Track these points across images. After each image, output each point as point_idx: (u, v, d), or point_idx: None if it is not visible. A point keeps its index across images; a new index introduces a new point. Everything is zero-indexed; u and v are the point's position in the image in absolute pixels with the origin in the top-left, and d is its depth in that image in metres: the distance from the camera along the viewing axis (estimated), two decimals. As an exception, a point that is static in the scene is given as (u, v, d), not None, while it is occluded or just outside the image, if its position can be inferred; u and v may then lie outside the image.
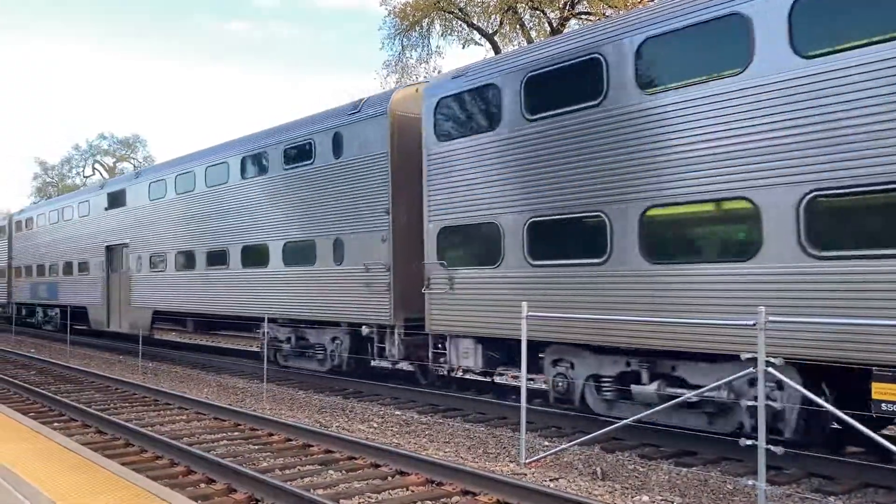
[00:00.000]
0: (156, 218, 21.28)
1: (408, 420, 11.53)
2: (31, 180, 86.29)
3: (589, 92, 9.82)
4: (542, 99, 10.51)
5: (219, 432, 10.78)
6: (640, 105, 9.18)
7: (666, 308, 8.86)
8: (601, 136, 9.64)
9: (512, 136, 10.85)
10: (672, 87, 8.91)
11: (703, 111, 8.53)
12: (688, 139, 8.70)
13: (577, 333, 9.97)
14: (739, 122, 8.21)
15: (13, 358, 21.68)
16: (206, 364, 19.25)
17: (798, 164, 7.71)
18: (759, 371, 6.62)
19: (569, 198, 10.05)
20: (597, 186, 9.70)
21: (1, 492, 5.84)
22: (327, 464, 8.79)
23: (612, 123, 9.48)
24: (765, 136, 8.00)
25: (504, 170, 10.98)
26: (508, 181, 10.90)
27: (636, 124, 9.21)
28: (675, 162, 8.80)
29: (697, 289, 8.60)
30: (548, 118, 10.37)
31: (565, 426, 10.66)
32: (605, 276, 9.57)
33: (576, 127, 9.97)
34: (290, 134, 16.11)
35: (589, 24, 15.00)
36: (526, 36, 30.92)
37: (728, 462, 8.64)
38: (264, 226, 16.56)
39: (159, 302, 20.99)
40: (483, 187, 11.28)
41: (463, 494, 7.46)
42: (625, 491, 7.65)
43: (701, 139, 8.56)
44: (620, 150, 9.38)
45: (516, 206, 10.75)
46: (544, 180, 10.38)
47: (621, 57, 9.44)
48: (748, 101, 8.15)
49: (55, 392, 14.33)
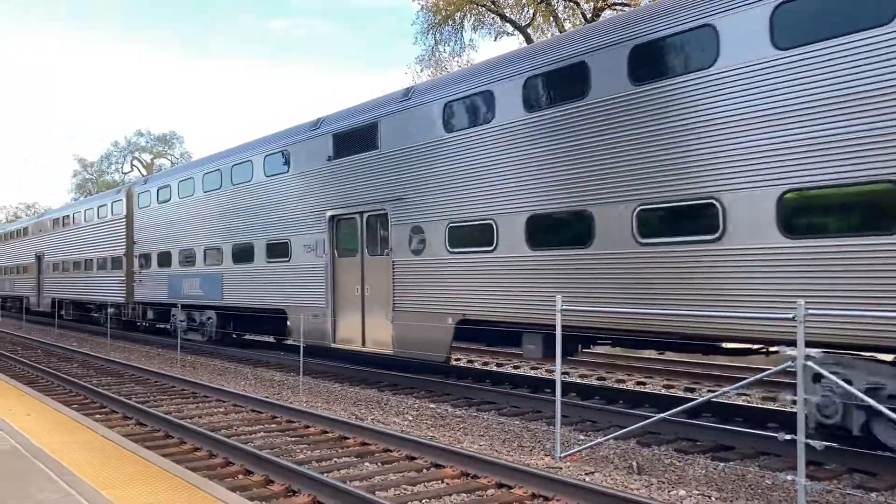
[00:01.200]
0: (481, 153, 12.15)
1: (442, 413, 11.56)
2: (70, 177, 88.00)
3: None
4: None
5: (256, 424, 10.91)
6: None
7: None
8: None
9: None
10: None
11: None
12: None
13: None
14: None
15: (56, 351, 22.17)
16: (244, 357, 19.47)
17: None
18: (798, 364, 6.51)
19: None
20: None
21: (45, 480, 5.99)
22: (363, 456, 8.85)
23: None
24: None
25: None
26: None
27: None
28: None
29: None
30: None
31: (601, 420, 10.61)
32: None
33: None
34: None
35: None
36: (560, 27, 30.70)
37: (766, 457, 8.54)
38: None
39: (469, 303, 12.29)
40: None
41: (498, 487, 7.46)
42: (661, 485, 7.60)
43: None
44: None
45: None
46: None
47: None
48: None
49: (97, 385, 14.62)
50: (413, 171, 13.41)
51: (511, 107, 11.44)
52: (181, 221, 22.03)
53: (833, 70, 7.83)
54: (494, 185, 11.72)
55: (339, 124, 15.61)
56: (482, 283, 11.92)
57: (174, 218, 22.53)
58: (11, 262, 42.19)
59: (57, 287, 33.18)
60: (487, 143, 11.85)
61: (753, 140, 8.42)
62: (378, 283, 14.33)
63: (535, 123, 11.06)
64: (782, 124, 8.17)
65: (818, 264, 7.85)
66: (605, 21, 14.69)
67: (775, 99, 8.26)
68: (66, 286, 32.05)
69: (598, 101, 10.16)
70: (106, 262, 27.57)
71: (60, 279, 32.78)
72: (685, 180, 9.13)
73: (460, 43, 34.58)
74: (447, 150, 12.67)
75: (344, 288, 15.26)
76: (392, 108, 14.10)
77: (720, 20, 8.84)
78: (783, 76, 8.23)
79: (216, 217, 19.95)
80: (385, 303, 14.01)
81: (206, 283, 20.41)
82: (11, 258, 42.10)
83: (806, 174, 7.97)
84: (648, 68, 9.68)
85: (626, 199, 9.74)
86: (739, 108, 8.61)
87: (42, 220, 37.47)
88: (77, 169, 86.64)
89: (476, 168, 12.07)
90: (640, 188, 9.60)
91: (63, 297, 32.33)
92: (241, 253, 18.76)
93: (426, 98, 13.34)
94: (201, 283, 20.69)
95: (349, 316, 15.13)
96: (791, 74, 8.17)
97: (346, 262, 15.25)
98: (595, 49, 10.32)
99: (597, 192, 10.12)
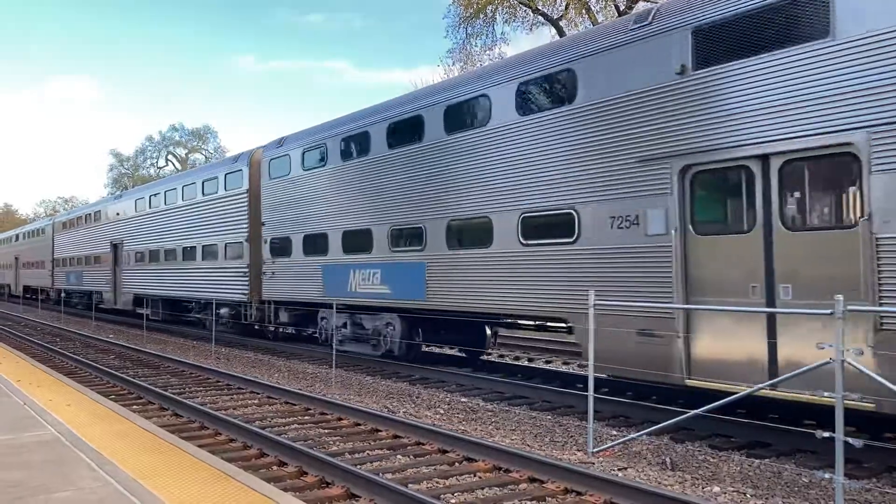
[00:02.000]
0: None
1: (474, 407, 11.57)
2: (106, 171, 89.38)
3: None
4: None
5: (289, 416, 11.02)
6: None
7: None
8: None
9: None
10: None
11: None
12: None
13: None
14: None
15: (94, 343, 22.58)
16: (277, 350, 19.65)
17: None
18: (837, 361, 6.41)
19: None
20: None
21: (85, 469, 6.11)
22: (395, 449, 8.90)
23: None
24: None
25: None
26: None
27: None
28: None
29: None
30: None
31: (633, 415, 10.54)
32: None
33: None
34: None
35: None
36: (592, 20, 30.47)
37: (803, 454, 8.42)
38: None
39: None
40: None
41: (530, 482, 7.46)
42: (695, 482, 7.54)
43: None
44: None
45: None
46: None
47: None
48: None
49: (134, 376, 14.87)
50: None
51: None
52: (344, 193, 16.45)
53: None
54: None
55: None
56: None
57: (332, 188, 16.92)
58: (77, 252, 36.63)
59: (141, 281, 28.26)
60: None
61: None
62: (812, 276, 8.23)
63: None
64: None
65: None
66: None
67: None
68: (153, 280, 27.13)
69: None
70: (216, 250, 22.40)
71: (146, 272, 27.84)
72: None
73: (492, 36, 34.52)
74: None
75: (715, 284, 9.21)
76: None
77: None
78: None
79: (414, 183, 14.39)
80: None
81: (395, 275, 14.87)
82: (77, 247, 36.62)
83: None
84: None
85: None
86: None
87: (120, 203, 31.79)
88: (113, 163, 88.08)
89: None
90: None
91: (150, 293, 27.42)
92: (466, 233, 13.35)
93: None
94: (384, 276, 15.21)
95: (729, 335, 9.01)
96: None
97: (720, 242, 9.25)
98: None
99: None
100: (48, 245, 42.43)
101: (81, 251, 35.98)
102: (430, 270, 13.88)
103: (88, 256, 34.80)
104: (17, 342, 21.86)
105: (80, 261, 36.10)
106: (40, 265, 44.73)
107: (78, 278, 36.52)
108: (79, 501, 5.27)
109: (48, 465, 6.28)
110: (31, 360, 15.14)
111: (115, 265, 30.86)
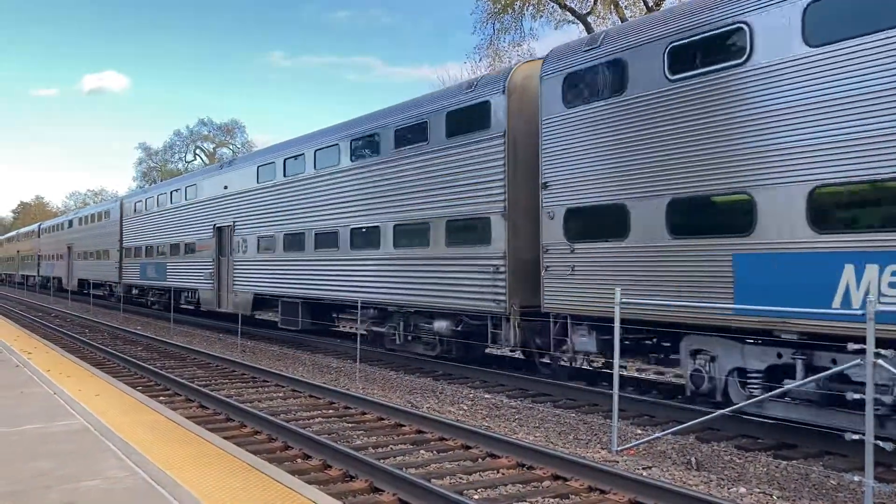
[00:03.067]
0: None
1: (497, 404, 11.56)
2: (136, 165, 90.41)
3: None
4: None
5: (314, 410, 11.08)
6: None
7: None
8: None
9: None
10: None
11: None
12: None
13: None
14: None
15: (122, 334, 22.87)
16: (302, 343, 19.75)
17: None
18: (868, 362, 6.32)
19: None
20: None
21: (113, 458, 6.19)
22: (418, 444, 8.91)
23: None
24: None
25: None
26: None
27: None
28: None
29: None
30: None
31: (658, 415, 10.47)
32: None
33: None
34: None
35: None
36: (620, 15, 30.26)
37: (831, 456, 8.31)
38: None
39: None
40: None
41: (554, 479, 7.43)
42: (721, 482, 7.47)
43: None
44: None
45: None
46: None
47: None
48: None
49: (161, 368, 15.04)
50: None
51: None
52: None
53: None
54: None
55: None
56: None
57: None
58: (157, 239, 29.04)
59: (268, 277, 20.60)
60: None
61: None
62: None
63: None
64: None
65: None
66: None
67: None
68: (291, 276, 19.42)
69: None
70: (426, 230, 14.71)
71: (277, 264, 20.14)
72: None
73: (520, 32, 34.38)
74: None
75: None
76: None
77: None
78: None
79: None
80: None
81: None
82: (158, 233, 29.03)
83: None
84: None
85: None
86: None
87: (229, 173, 23.78)
88: (141, 157, 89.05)
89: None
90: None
91: (287, 293, 19.47)
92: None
93: None
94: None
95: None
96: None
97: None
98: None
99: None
100: (113, 231, 34.93)
101: (165, 237, 28.32)
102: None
103: (179, 244, 26.87)
104: (47, 332, 22.21)
105: (162, 250, 28.54)
106: (103, 255, 36.95)
107: (157, 271, 28.86)
108: (107, 490, 5.34)
109: (77, 454, 6.36)
110: (61, 350, 15.35)
111: (222, 255, 23.52)
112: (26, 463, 6.05)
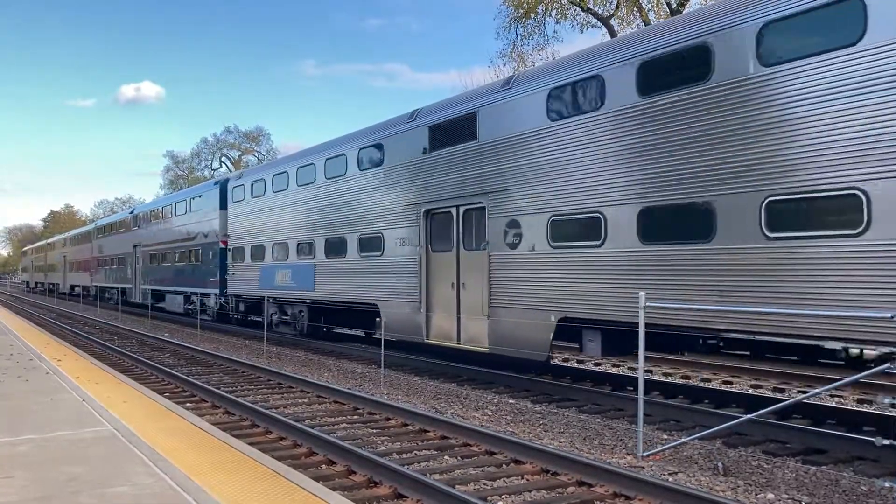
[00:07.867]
0: None
1: (522, 409, 11.52)
2: (163, 173, 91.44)
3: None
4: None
5: (339, 415, 11.12)
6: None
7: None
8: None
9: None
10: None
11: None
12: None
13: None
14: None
15: (150, 341, 23.11)
16: (327, 349, 19.84)
17: None
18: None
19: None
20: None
21: (140, 464, 6.26)
22: (443, 449, 8.91)
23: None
24: None
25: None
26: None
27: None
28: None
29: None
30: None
31: (684, 419, 10.37)
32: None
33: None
34: None
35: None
36: (644, 18, 30.11)
37: (861, 462, 8.18)
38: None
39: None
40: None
41: (579, 485, 7.39)
42: (748, 488, 7.38)
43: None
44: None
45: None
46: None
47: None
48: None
49: (187, 374, 15.18)
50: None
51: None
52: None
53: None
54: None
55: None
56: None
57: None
58: (299, 232, 20.42)
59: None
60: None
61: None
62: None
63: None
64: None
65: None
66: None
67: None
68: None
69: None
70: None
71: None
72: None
73: (544, 36, 34.32)
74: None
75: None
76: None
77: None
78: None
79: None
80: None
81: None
82: (305, 221, 20.16)
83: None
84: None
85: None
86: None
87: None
88: (169, 164, 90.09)
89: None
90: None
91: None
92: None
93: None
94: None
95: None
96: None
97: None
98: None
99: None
100: (210, 225, 26.96)
101: (309, 230, 19.99)
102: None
103: (338, 239, 18.58)
104: (77, 340, 22.51)
105: (304, 247, 20.31)
106: (192, 257, 28.65)
107: (299, 278, 20.42)
108: (134, 496, 5.40)
109: (105, 460, 6.44)
110: (90, 357, 15.55)
111: (433, 249, 15.16)
112: (57, 468, 6.14)
